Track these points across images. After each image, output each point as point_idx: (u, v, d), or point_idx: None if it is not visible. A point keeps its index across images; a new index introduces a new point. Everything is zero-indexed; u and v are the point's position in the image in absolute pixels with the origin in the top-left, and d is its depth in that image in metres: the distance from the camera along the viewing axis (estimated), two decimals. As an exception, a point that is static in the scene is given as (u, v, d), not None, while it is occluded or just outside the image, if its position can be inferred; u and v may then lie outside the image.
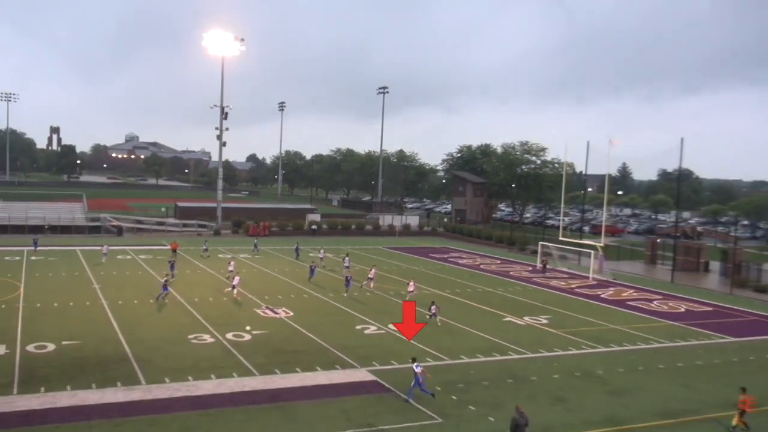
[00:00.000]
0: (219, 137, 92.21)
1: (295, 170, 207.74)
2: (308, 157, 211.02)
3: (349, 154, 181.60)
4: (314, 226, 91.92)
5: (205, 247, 65.25)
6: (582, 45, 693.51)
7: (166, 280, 43.48)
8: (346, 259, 57.55)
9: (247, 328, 35.22)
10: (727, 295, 54.56)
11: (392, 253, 72.20)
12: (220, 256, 64.35)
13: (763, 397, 27.83)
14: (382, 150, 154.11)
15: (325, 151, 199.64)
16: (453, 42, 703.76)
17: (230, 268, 51.00)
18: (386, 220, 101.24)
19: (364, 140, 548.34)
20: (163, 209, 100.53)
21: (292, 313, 39.90)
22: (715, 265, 68.69)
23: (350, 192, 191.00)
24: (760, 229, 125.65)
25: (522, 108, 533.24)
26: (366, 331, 36.20)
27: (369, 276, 50.01)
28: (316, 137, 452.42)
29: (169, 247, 65.56)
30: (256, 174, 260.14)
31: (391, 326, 37.25)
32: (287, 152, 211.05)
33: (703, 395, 27.92)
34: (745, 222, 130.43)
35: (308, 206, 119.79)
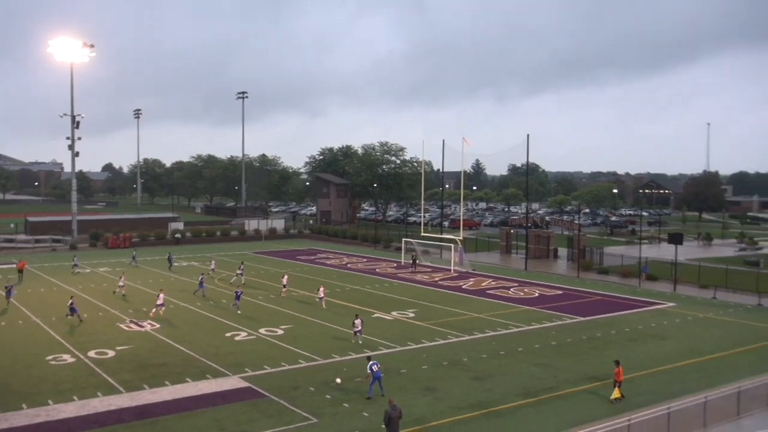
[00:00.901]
0: (71, 147, 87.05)
1: (154, 178, 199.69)
2: (168, 164, 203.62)
3: (211, 160, 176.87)
4: (178, 235, 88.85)
5: (75, 263, 61.45)
6: (438, 49, 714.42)
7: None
8: (241, 266, 56.73)
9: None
10: (575, 279, 57.96)
11: (259, 258, 71.10)
12: (77, 271, 60.74)
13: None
14: (244, 155, 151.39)
15: (185, 158, 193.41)
16: (316, 47, 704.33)
17: (120, 283, 48.71)
18: (252, 224, 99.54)
19: (227, 146, 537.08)
20: (12, 225, 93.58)
21: (158, 325, 38.31)
22: (563, 252, 72.79)
23: (213, 198, 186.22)
24: (600, 216, 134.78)
25: (383, 110, 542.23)
26: (237, 338, 35.38)
27: (283, 283, 48.96)
28: (177, 144, 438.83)
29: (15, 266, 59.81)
30: (113, 184, 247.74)
31: (262, 331, 36.61)
32: (146, 160, 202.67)
33: (560, 372, 29.47)
34: (587, 210, 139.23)
35: (170, 215, 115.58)
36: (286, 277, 49.64)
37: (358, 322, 34.63)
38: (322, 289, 45.10)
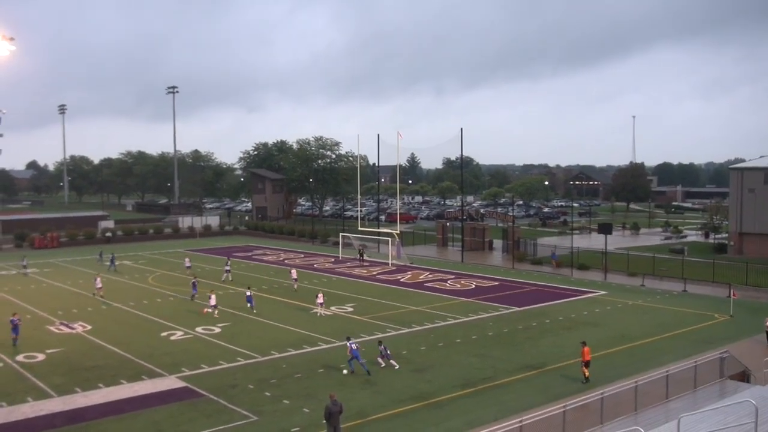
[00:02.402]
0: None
1: (82, 176, 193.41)
2: (97, 161, 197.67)
3: (141, 157, 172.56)
4: (108, 233, 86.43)
5: (24, 263, 59.55)
6: (377, 43, 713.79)
7: None
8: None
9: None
10: (510, 270, 59.03)
11: (195, 255, 69.76)
12: (2, 273, 58.45)
13: (547, 356, 30.53)
14: (176, 151, 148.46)
15: (115, 155, 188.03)
16: (252, 41, 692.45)
17: (98, 285, 46.12)
18: (185, 222, 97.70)
19: (160, 142, 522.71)
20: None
21: (90, 327, 37.23)
22: (498, 243, 74.01)
23: (145, 196, 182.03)
24: (532, 207, 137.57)
25: (320, 105, 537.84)
26: (173, 337, 34.70)
27: (293, 277, 49.50)
28: (107, 141, 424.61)
29: None
30: (38, 182, 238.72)
31: (198, 329, 36.03)
32: (72, 157, 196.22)
33: (497, 362, 30.00)
34: (520, 202, 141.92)
35: (100, 213, 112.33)
36: (294, 271, 50.46)
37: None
38: (320, 295, 42.03)
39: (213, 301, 39.80)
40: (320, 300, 41.09)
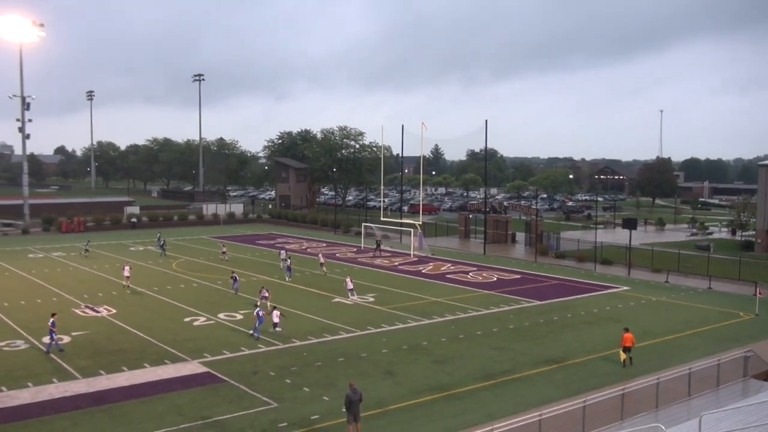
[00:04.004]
0: (22, 129, 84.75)
1: (109, 162, 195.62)
2: (123, 148, 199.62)
3: (167, 144, 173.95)
4: (134, 219, 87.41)
5: (86, 247, 60.58)
6: (409, 33, 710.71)
7: None
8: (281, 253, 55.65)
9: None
10: (532, 263, 58.78)
11: (218, 242, 70.37)
12: (30, 256, 59.43)
13: (568, 351, 30.41)
14: (201, 138, 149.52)
15: (142, 141, 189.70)
16: (285, 29, 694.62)
17: (126, 274, 45.15)
18: (210, 209, 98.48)
19: (186, 130, 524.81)
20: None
21: (114, 311, 37.74)
22: (520, 236, 73.69)
23: (170, 182, 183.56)
24: (556, 201, 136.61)
25: (349, 94, 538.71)
26: (195, 323, 35.08)
27: (321, 262, 52.08)
28: (133, 127, 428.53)
29: None
30: (66, 167, 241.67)
31: (221, 316, 36.36)
32: (100, 143, 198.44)
33: (517, 355, 29.94)
34: (544, 195, 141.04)
35: (126, 198, 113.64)
36: (349, 279, 45.02)
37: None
38: (348, 279, 43.09)
39: (265, 294, 38.42)
40: (350, 285, 41.99)
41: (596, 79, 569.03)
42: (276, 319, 33.39)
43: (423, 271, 53.74)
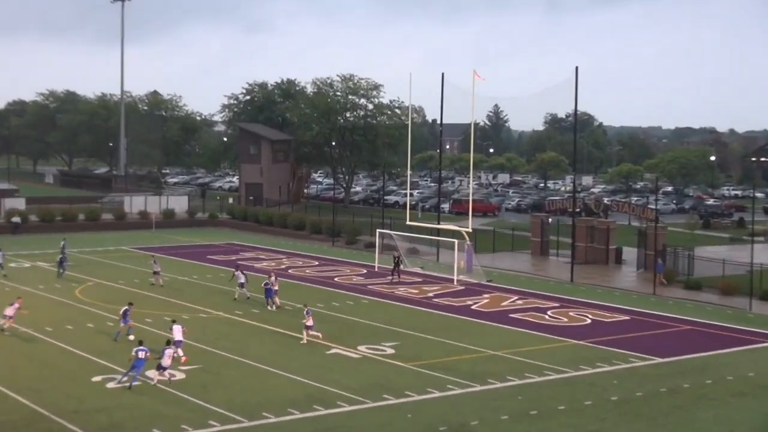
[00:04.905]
0: None
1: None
2: (1, 106, 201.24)
3: (71, 100, 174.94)
4: (16, 219, 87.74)
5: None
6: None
7: None
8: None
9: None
10: (649, 297, 58.31)
11: (147, 257, 70.30)
12: None
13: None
14: (123, 92, 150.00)
15: (30, 96, 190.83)
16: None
17: (8, 313, 45.31)
18: (135, 203, 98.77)
19: (100, 78, 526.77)
20: None
21: (-17, 363, 37.86)
22: (630, 254, 73.14)
23: (74, 161, 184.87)
24: (688, 197, 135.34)
25: (363, 23, 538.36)
26: (109, 384, 34.98)
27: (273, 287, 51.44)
28: (20, 73, 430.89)
29: None
30: None
31: (151, 373, 36.34)
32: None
33: (624, 446, 29.65)
34: (668, 188, 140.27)
35: (4, 186, 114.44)
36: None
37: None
38: (307, 311, 43.37)
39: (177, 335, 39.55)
40: (309, 322, 42.72)
41: (751, 3, 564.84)
42: (167, 361, 34.56)
43: (473, 306, 53.52)
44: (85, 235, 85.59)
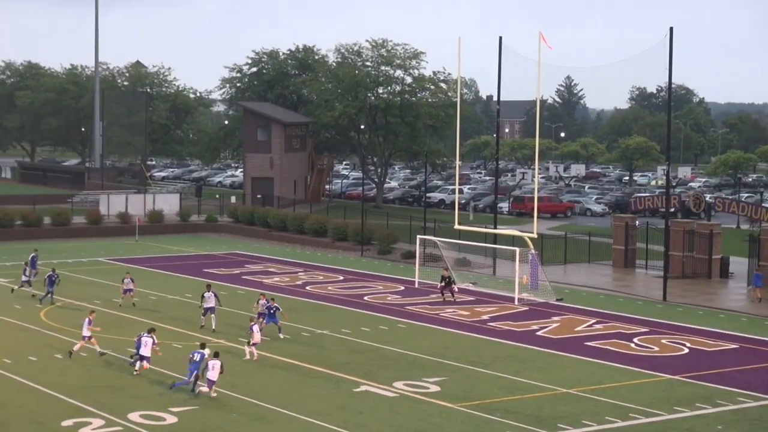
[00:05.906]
0: None
1: None
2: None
3: (33, 74, 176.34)
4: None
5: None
6: None
7: None
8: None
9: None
10: (764, 320, 58.08)
11: (134, 270, 70.76)
12: None
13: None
14: (98, 63, 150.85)
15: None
16: None
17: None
18: (115, 203, 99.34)
19: (73, 47, 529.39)
20: None
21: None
22: (739, 264, 72.93)
23: (37, 150, 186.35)
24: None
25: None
26: (81, 430, 35.29)
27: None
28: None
29: None
30: None
31: (134, 416, 36.59)
32: None
33: None
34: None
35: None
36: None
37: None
38: (255, 327, 45.37)
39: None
40: (256, 336, 45.24)
41: None
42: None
43: (539, 332, 53.58)
44: (52, 244, 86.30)
